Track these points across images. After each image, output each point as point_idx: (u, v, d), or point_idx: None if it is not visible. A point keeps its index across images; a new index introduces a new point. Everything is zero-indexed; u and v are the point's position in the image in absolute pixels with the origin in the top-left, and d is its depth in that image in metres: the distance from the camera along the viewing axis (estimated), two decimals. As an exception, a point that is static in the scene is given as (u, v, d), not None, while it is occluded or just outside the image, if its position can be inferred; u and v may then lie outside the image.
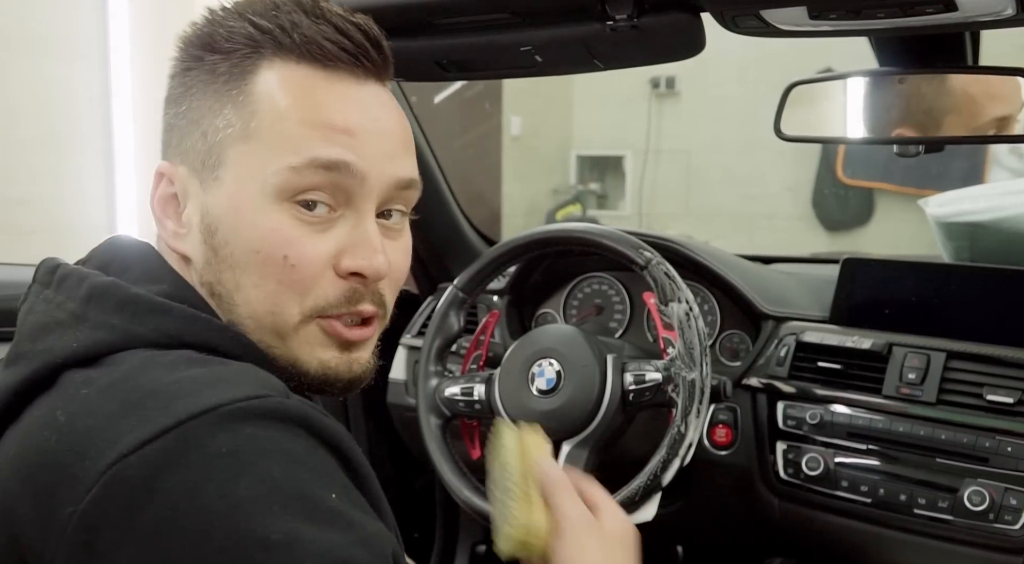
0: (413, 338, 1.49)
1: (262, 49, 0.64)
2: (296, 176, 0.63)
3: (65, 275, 0.64)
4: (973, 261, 1.31)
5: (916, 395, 1.13)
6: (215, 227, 0.64)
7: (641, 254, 1.12)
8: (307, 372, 0.66)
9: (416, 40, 0.99)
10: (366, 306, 0.67)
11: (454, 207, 1.60)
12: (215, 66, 0.65)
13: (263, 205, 0.63)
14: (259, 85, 0.64)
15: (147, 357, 0.57)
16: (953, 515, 1.07)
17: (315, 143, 0.63)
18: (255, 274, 0.64)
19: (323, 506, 0.52)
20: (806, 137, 1.12)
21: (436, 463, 1.17)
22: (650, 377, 1.08)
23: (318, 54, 0.65)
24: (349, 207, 0.65)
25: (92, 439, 0.52)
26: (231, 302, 0.65)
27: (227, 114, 0.64)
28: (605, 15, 0.88)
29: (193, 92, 0.66)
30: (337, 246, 0.65)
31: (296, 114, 0.63)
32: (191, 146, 0.66)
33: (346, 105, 0.65)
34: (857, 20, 0.83)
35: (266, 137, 0.63)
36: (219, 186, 0.64)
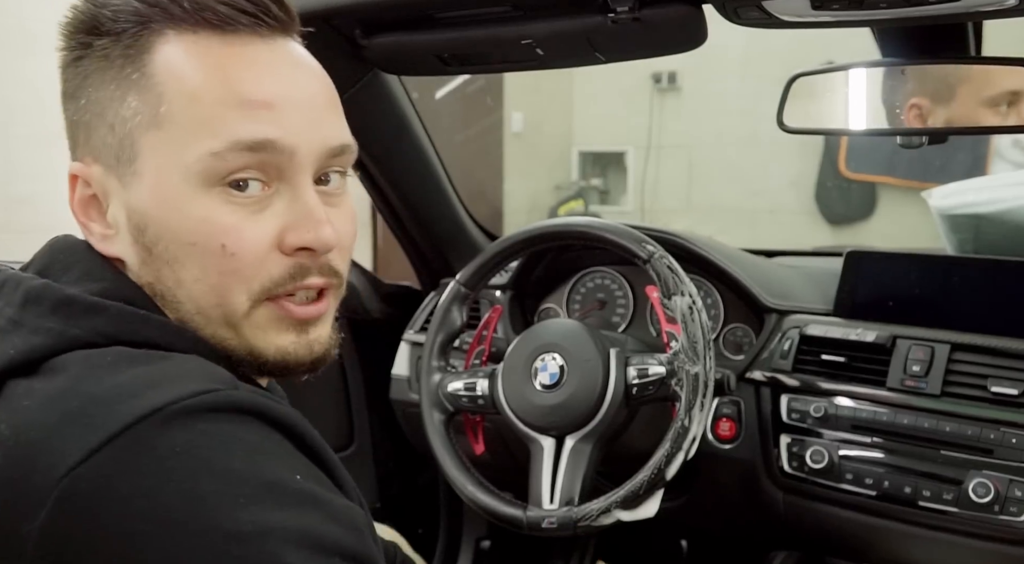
0: (416, 334, 1.49)
1: (153, 23, 0.60)
2: (220, 161, 0.59)
3: (3, 281, 0.61)
4: (977, 253, 1.30)
5: (920, 387, 1.12)
6: (144, 225, 0.61)
7: (644, 248, 1.11)
8: (266, 360, 0.64)
9: (417, 34, 0.99)
10: (314, 279, 0.63)
11: (456, 202, 1.60)
12: (107, 50, 0.60)
13: (190, 194, 0.59)
14: (159, 64, 0.59)
15: (84, 361, 0.55)
16: (958, 507, 1.06)
17: (234, 123, 0.59)
18: (195, 268, 0.60)
19: (289, 489, 0.51)
20: (809, 129, 1.11)
21: (439, 458, 1.17)
22: (653, 371, 1.08)
23: (214, 19, 0.60)
24: (283, 181, 0.62)
25: (39, 453, 0.50)
26: (175, 300, 0.62)
27: (131, 102, 0.59)
28: (606, 7, 0.88)
29: (89, 82, 0.61)
30: (278, 224, 0.61)
31: (208, 92, 0.59)
32: (100, 142, 0.61)
33: (258, 73, 0.61)
34: (860, 10, 0.82)
35: (180, 121, 0.59)
36: (139, 180, 0.60)
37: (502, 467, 1.29)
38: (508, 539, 1.61)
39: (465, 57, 1.06)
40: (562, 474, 1.09)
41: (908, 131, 1.04)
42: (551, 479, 1.10)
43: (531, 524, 1.08)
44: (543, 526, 1.07)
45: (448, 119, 4.06)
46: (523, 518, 1.09)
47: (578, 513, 1.06)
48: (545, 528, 1.07)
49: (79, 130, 0.63)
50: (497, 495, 1.13)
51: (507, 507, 1.11)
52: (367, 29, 1.03)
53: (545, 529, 1.07)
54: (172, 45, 0.60)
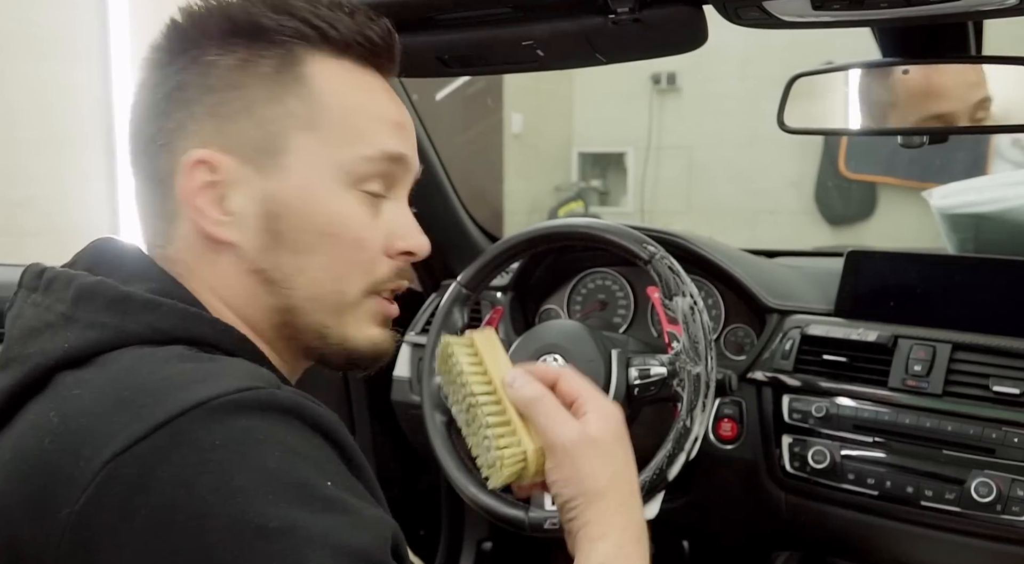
0: (417, 335, 1.49)
1: (309, 42, 0.67)
2: (368, 165, 0.68)
3: (52, 278, 0.64)
4: (978, 252, 1.30)
5: (922, 387, 1.12)
6: (279, 213, 0.66)
7: (645, 248, 1.11)
8: (357, 347, 0.71)
9: (418, 35, 0.99)
10: (404, 281, 0.73)
11: (457, 204, 1.60)
12: (262, 55, 0.66)
13: (335, 190, 0.67)
14: (316, 78, 0.67)
15: (138, 355, 0.57)
16: (960, 507, 1.06)
17: (384, 137, 0.69)
18: (323, 256, 0.67)
19: (320, 493, 0.52)
20: (809, 129, 1.11)
21: (441, 460, 1.17)
22: (655, 372, 1.08)
23: (361, 51, 0.69)
24: (391, 192, 0.71)
25: (85, 439, 0.52)
26: (289, 286, 0.67)
27: (288, 103, 0.66)
28: (607, 8, 0.88)
29: (235, 79, 0.66)
30: (388, 229, 0.70)
31: (366, 108, 0.69)
32: (239, 133, 0.65)
33: (395, 101, 0.72)
34: (860, 10, 0.82)
35: (336, 127, 0.67)
36: (283, 173, 0.66)
37: (504, 468, 1.29)
38: (510, 540, 1.61)
39: (466, 59, 1.06)
40: (564, 475, 1.09)
41: (908, 131, 1.04)
42: (553, 480, 1.10)
43: (533, 525, 1.08)
44: (545, 527, 1.07)
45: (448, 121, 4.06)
46: (525, 519, 1.08)
47: (580, 514, 1.05)
48: (547, 529, 1.07)
49: (209, 120, 0.66)
50: (499, 496, 1.13)
51: (509, 508, 1.11)
52: (367, 31, 1.03)
53: (547, 530, 1.07)
54: (325, 64, 0.68)
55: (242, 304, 0.67)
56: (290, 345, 0.70)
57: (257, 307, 0.68)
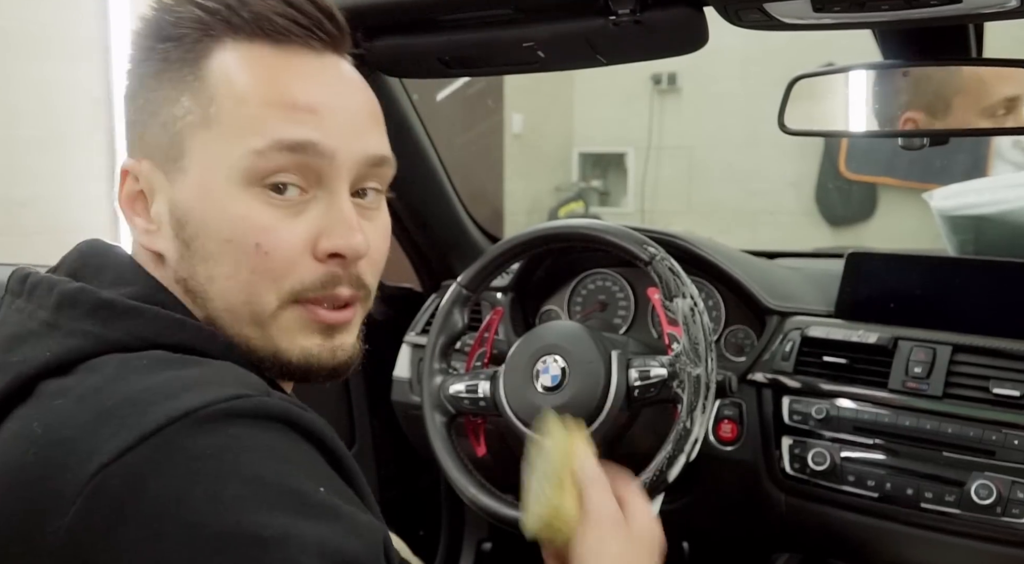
0: (417, 336, 1.49)
1: (212, 31, 0.63)
2: (262, 159, 0.61)
3: (35, 284, 0.63)
4: (978, 254, 1.30)
5: (922, 389, 1.12)
6: (184, 220, 0.63)
7: (645, 250, 1.11)
8: (289, 361, 0.65)
9: (419, 37, 0.99)
10: (343, 290, 0.65)
11: (457, 204, 1.60)
12: (167, 54, 0.63)
13: (231, 192, 0.61)
14: (214, 68, 0.62)
15: (120, 362, 0.56)
16: (960, 509, 1.06)
17: (278, 123, 0.61)
18: (227, 264, 0.62)
19: (313, 500, 0.52)
20: (810, 131, 1.11)
21: (441, 461, 1.17)
22: (655, 373, 1.08)
23: (270, 30, 0.63)
24: (321, 187, 0.64)
25: (70, 451, 0.51)
26: (205, 296, 0.63)
27: (184, 102, 0.62)
28: (607, 10, 0.88)
29: (147, 83, 0.64)
30: (312, 229, 0.63)
31: (256, 95, 0.62)
32: (152, 139, 0.64)
33: (306, 81, 0.63)
34: (861, 12, 0.82)
35: (227, 121, 0.61)
36: (184, 177, 0.63)
37: (504, 469, 1.28)
38: (510, 541, 1.61)
39: (466, 59, 1.07)
40: (564, 476, 1.09)
41: (909, 133, 1.04)
42: (553, 481, 1.10)
43: (533, 526, 1.08)
44: (545, 528, 1.07)
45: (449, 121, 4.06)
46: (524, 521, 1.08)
47: (580, 515, 1.06)
48: (547, 530, 1.07)
49: (135, 129, 0.66)
50: (499, 497, 1.13)
51: (509, 509, 1.11)
52: (368, 32, 1.04)
53: (547, 531, 1.07)
54: (228, 52, 0.63)
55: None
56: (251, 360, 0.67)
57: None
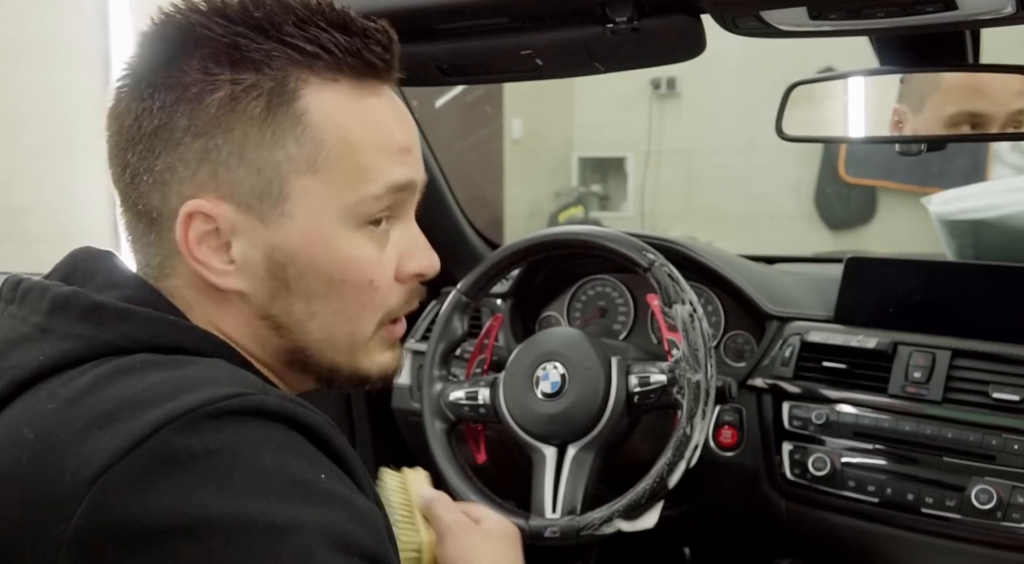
0: (417, 343, 1.49)
1: (302, 70, 0.61)
2: (377, 203, 0.64)
3: (27, 289, 0.63)
4: (977, 259, 1.30)
5: (922, 394, 1.13)
6: (286, 262, 0.63)
7: (644, 256, 1.12)
8: (368, 376, 0.70)
9: (417, 45, 0.99)
10: (415, 303, 0.71)
11: (456, 211, 1.60)
12: (248, 93, 0.60)
13: (343, 234, 0.63)
14: (313, 113, 0.61)
15: (113, 366, 0.56)
16: (961, 514, 1.06)
17: (390, 168, 0.64)
18: (336, 301, 0.65)
19: (317, 487, 0.53)
20: (808, 137, 1.12)
21: (441, 468, 1.17)
22: (655, 379, 1.08)
23: (360, 70, 0.63)
24: (399, 216, 0.68)
25: (67, 454, 0.51)
26: (303, 331, 0.65)
27: (288, 147, 0.61)
28: (605, 18, 0.88)
29: (227, 122, 0.61)
30: (397, 254, 0.67)
31: (368, 142, 0.63)
32: (235, 180, 0.61)
33: (399, 121, 0.66)
34: (857, 20, 0.83)
35: (338, 168, 0.62)
36: (288, 221, 0.62)
37: (504, 476, 1.29)
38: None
39: (465, 67, 1.07)
40: (564, 483, 1.10)
41: (906, 139, 1.04)
42: (553, 488, 1.10)
43: (533, 533, 1.08)
44: (545, 536, 1.07)
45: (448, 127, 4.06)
46: (525, 527, 1.09)
47: (580, 522, 1.06)
48: (547, 537, 1.07)
49: (202, 166, 0.61)
50: (499, 504, 1.13)
51: (509, 516, 1.11)
52: (367, 40, 1.04)
53: (547, 539, 1.07)
54: (323, 94, 0.62)
55: (248, 343, 0.66)
56: (298, 375, 0.70)
57: (265, 347, 0.66)
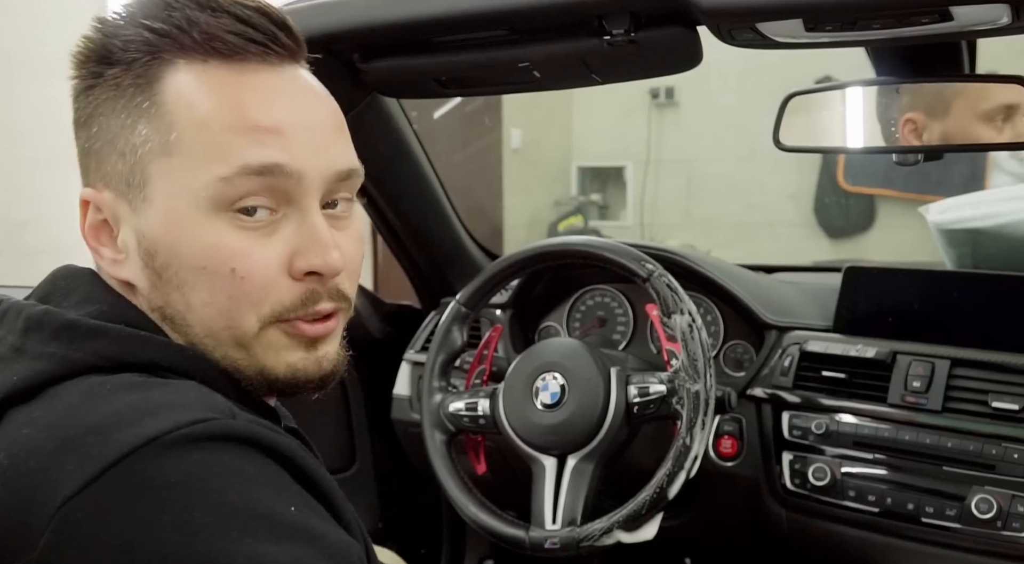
0: (416, 353, 1.49)
1: (163, 53, 0.61)
2: (229, 186, 0.60)
3: (5, 310, 0.62)
4: (975, 268, 1.30)
5: (921, 403, 1.12)
6: (154, 250, 0.61)
7: (643, 266, 1.12)
8: (276, 377, 0.64)
9: (415, 58, 1.00)
10: (324, 305, 0.64)
11: (455, 221, 1.60)
12: (118, 79, 0.61)
13: (199, 219, 0.60)
14: (169, 93, 0.60)
15: (86, 387, 0.55)
16: (961, 523, 1.06)
17: (243, 149, 0.60)
18: (204, 291, 0.61)
19: (283, 522, 0.51)
20: (805, 147, 1.12)
21: (441, 479, 1.17)
22: (654, 389, 1.08)
23: (223, 49, 0.61)
24: (291, 206, 0.62)
25: (36, 482, 0.50)
26: (185, 323, 0.62)
27: (142, 129, 0.61)
28: (602, 30, 0.89)
29: (100, 111, 0.62)
30: (286, 248, 0.62)
31: (217, 119, 0.60)
32: (111, 169, 0.62)
33: (267, 99, 0.62)
34: (853, 31, 0.83)
35: (189, 148, 0.60)
36: (149, 206, 0.61)
37: (504, 487, 1.29)
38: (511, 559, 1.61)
39: (463, 80, 1.07)
40: (564, 494, 1.09)
41: (904, 148, 1.04)
42: (553, 499, 1.10)
43: (534, 544, 1.08)
44: (546, 547, 1.07)
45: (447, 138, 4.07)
46: (526, 539, 1.08)
47: (580, 533, 1.06)
48: (548, 548, 1.07)
49: (90, 157, 0.64)
50: (499, 515, 1.13)
51: (509, 527, 1.11)
52: (366, 54, 1.04)
53: (548, 549, 1.07)
54: (182, 74, 0.61)
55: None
56: (241, 381, 0.66)
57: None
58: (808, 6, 0.79)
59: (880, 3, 0.77)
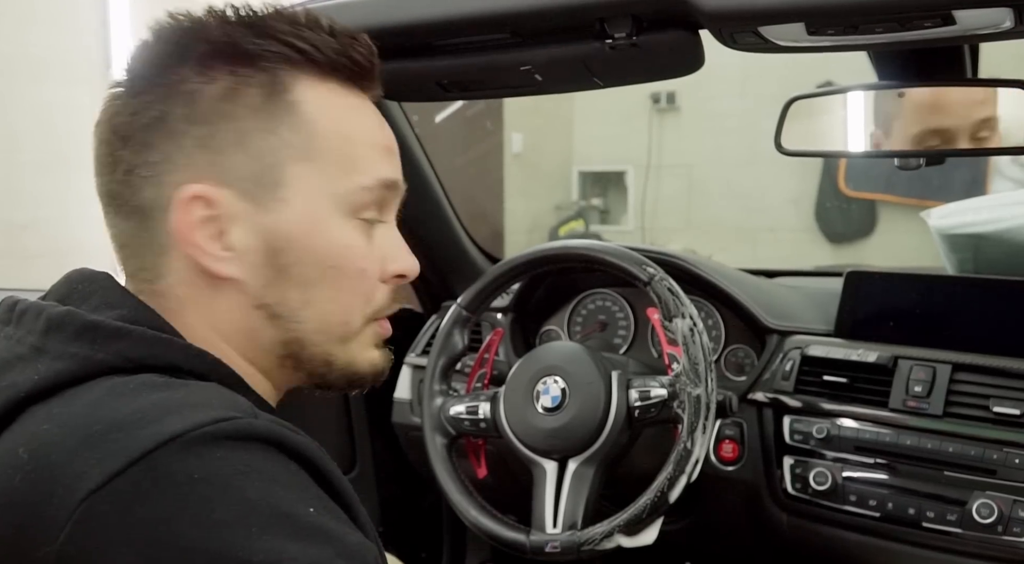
0: (417, 357, 1.49)
1: (293, 66, 0.65)
2: (367, 194, 0.67)
3: (24, 310, 0.63)
4: (977, 272, 1.31)
5: (922, 408, 1.12)
6: (282, 247, 0.65)
7: (644, 270, 1.12)
8: (358, 372, 0.71)
9: (417, 61, 1.00)
10: (396, 304, 0.73)
11: (456, 225, 1.60)
12: (247, 81, 0.64)
13: (336, 222, 0.66)
14: (308, 104, 0.65)
15: (108, 386, 0.56)
16: (962, 528, 1.06)
17: (379, 164, 0.69)
18: (330, 288, 0.67)
19: (302, 522, 0.52)
20: (807, 151, 1.12)
21: (442, 482, 1.17)
22: (655, 393, 1.08)
23: (347, 73, 0.68)
24: (385, 216, 0.71)
25: (57, 476, 0.51)
26: (296, 320, 0.67)
27: (282, 133, 0.65)
28: (604, 34, 0.89)
29: (226, 110, 0.64)
30: (381, 253, 0.70)
31: (360, 136, 0.68)
32: (233, 166, 0.64)
33: (384, 124, 0.71)
34: (855, 35, 0.83)
35: (333, 157, 0.66)
36: (285, 206, 0.65)
37: (505, 490, 1.29)
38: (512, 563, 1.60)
39: (464, 83, 1.07)
40: (565, 498, 1.09)
41: (906, 153, 1.04)
42: (554, 503, 1.10)
43: (534, 548, 1.08)
44: (546, 550, 1.07)
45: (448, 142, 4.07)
46: (526, 542, 1.08)
47: (581, 537, 1.05)
48: (548, 552, 1.07)
49: (206, 153, 0.64)
50: (500, 519, 1.13)
51: (510, 531, 1.10)
52: (367, 56, 1.04)
53: (548, 553, 1.07)
54: (313, 89, 0.66)
55: (243, 338, 0.66)
56: (292, 373, 0.70)
57: (261, 340, 0.67)
58: (810, 10, 0.79)
59: (882, 7, 0.77)
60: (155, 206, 0.64)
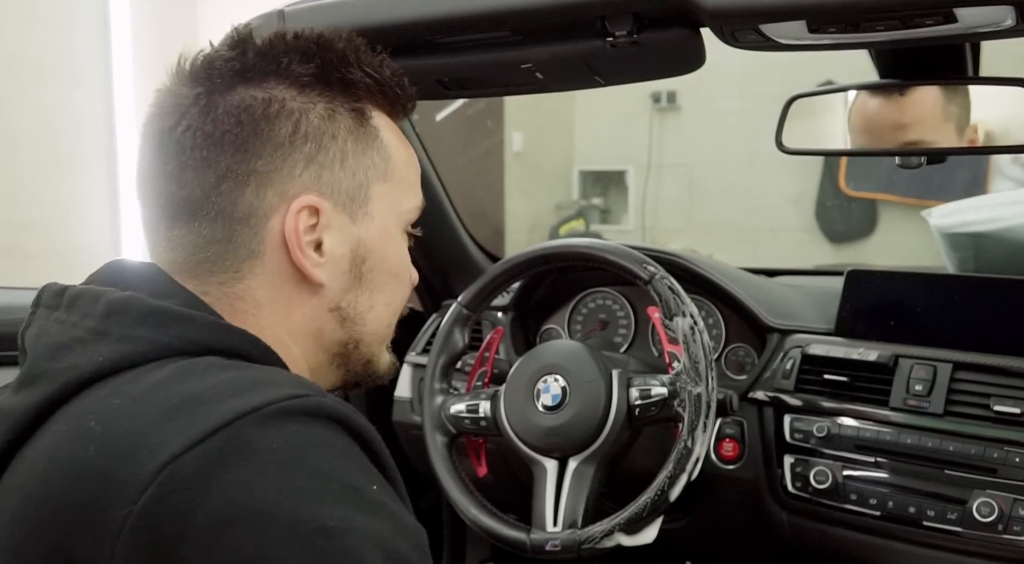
0: (418, 356, 1.49)
1: (371, 95, 0.73)
2: (416, 213, 0.77)
3: (76, 295, 0.65)
4: (978, 271, 1.31)
5: (923, 407, 1.12)
6: (364, 256, 0.73)
7: (645, 269, 1.12)
8: (376, 371, 0.78)
9: (418, 59, 1.00)
10: None
11: (457, 224, 1.60)
12: (341, 107, 0.71)
13: (399, 236, 0.76)
14: (384, 131, 0.74)
15: (176, 367, 0.59)
16: (962, 527, 1.06)
17: (419, 187, 0.78)
18: (389, 294, 0.75)
19: (368, 497, 0.56)
20: (808, 150, 1.12)
21: (442, 481, 1.17)
22: (656, 392, 1.08)
23: (401, 107, 0.77)
24: None
25: (137, 443, 0.54)
26: (360, 322, 0.74)
27: (372, 156, 0.72)
28: (605, 32, 0.89)
29: (331, 130, 0.70)
30: None
31: (412, 163, 0.77)
32: (335, 181, 0.70)
33: None
34: (857, 33, 0.83)
35: (400, 179, 0.75)
36: (370, 220, 0.73)
37: (505, 489, 1.29)
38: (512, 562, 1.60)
39: (465, 81, 1.07)
40: (565, 496, 1.09)
41: (906, 151, 1.04)
42: (554, 501, 1.10)
43: (535, 547, 1.08)
44: (547, 549, 1.07)
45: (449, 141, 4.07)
46: (527, 541, 1.08)
47: (581, 535, 1.05)
48: (549, 551, 1.07)
49: (309, 166, 0.69)
50: (500, 518, 1.13)
51: (510, 530, 1.10)
52: (368, 55, 1.04)
53: (549, 552, 1.07)
54: (383, 117, 0.75)
55: (310, 338, 0.72)
56: (335, 372, 0.76)
57: (325, 340, 0.73)
58: (812, 8, 0.79)
59: (884, 5, 0.77)
60: (253, 212, 0.67)
